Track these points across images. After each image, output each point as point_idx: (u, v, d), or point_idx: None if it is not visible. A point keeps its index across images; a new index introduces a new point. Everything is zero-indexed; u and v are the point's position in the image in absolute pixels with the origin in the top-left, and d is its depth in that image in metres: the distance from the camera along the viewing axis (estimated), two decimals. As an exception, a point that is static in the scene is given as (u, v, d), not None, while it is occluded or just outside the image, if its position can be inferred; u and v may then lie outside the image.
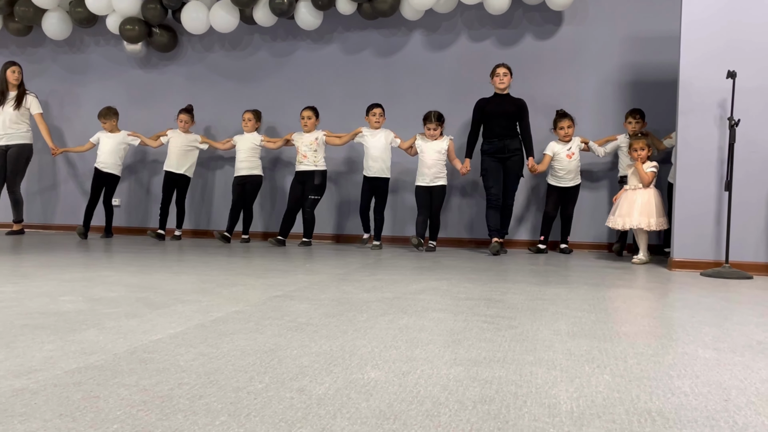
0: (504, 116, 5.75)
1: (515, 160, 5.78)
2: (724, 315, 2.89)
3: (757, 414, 1.53)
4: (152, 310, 2.70)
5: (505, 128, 5.76)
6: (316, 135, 6.28)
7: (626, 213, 5.05)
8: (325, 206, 6.86)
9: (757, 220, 4.53)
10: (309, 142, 6.25)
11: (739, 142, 4.46)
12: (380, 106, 6.15)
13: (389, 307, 2.87)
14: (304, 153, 6.25)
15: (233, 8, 6.72)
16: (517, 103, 5.80)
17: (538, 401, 1.59)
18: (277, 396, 1.59)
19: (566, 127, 5.82)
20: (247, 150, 6.59)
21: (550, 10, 6.32)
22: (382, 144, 6.06)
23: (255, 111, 6.71)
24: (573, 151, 5.86)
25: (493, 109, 5.77)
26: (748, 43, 4.55)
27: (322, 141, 6.28)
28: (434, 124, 5.90)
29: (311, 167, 6.24)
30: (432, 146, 5.95)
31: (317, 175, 6.24)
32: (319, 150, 6.26)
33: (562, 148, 5.87)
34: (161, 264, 4.49)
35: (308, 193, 6.24)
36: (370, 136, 6.10)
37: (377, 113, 6.10)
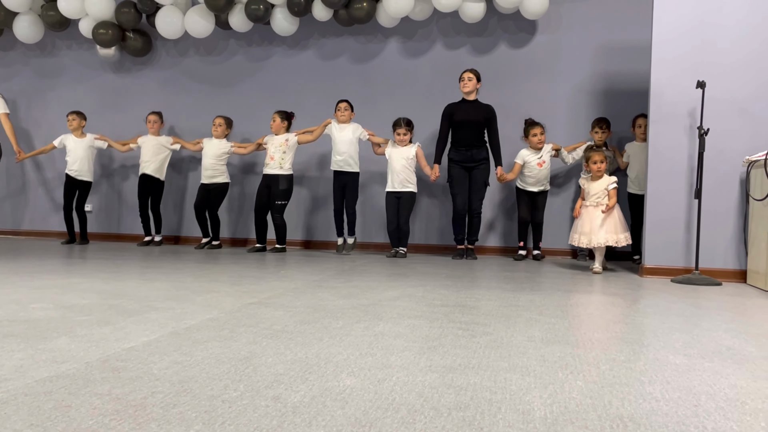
0: (472, 124, 5.80)
1: (482, 168, 5.83)
2: (694, 321, 2.94)
3: (725, 419, 1.56)
4: (125, 318, 2.67)
5: (473, 137, 5.80)
6: (286, 137, 6.29)
7: (589, 231, 4.87)
8: (293, 211, 6.84)
9: (726, 228, 4.62)
10: (279, 144, 6.26)
11: (708, 150, 4.55)
12: (345, 101, 6.20)
13: (365, 314, 2.87)
14: (272, 154, 6.25)
15: (208, 13, 6.69)
16: (486, 110, 5.84)
17: (513, 407, 1.61)
18: (252, 404, 1.59)
19: (539, 134, 5.88)
20: (213, 156, 6.57)
21: (524, 19, 6.39)
22: (349, 138, 6.10)
23: (227, 117, 6.69)
24: (544, 159, 5.93)
25: (461, 117, 5.82)
26: (718, 53, 4.65)
27: (292, 144, 6.29)
28: (403, 130, 5.96)
29: (277, 170, 6.23)
30: (400, 153, 6.00)
31: (282, 180, 6.24)
32: (288, 152, 6.26)
33: (533, 157, 5.93)
34: (134, 271, 4.44)
35: (275, 199, 6.25)
36: (338, 131, 6.15)
37: (342, 107, 6.15)
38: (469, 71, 5.86)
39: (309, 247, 6.95)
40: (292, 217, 6.82)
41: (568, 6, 6.40)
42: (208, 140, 6.65)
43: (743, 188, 4.58)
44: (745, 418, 1.58)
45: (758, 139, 4.50)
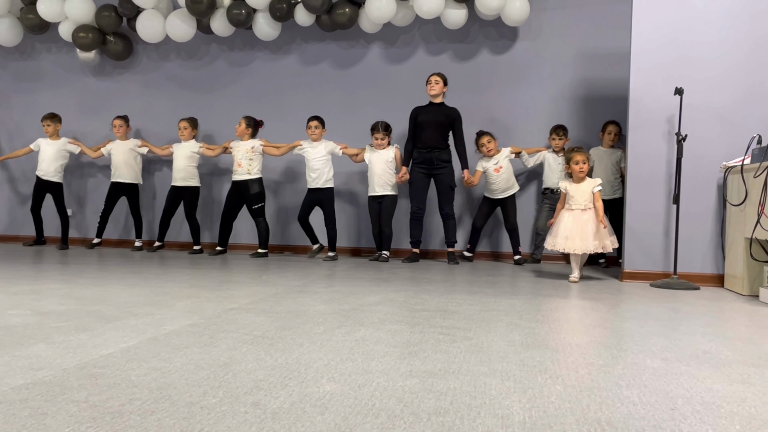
0: (434, 126, 5.85)
1: (445, 172, 5.87)
2: (672, 325, 2.97)
3: (701, 422, 1.58)
4: (103, 324, 2.65)
5: (435, 139, 5.85)
6: (252, 144, 6.30)
7: (576, 236, 4.60)
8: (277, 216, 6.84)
9: (704, 233, 4.67)
10: (245, 151, 6.29)
11: (686, 156, 4.60)
12: (317, 119, 6.23)
13: (346, 319, 2.87)
14: (239, 161, 6.29)
15: (190, 18, 6.66)
16: (450, 113, 5.90)
17: (492, 412, 1.61)
18: (231, 411, 1.58)
19: (486, 143, 5.99)
20: (184, 158, 6.57)
21: (505, 26, 6.43)
22: (322, 155, 6.15)
23: (191, 119, 6.69)
24: (501, 164, 6.01)
25: (425, 119, 5.88)
26: (695, 61, 4.71)
27: (258, 150, 6.31)
28: (381, 134, 6.01)
29: (245, 176, 6.26)
30: (379, 156, 6.05)
31: (252, 184, 6.26)
32: (254, 159, 6.29)
33: (489, 164, 6.03)
34: (114, 276, 4.40)
35: (251, 204, 6.28)
36: (310, 148, 6.19)
37: (312, 125, 6.19)
38: (436, 74, 5.93)
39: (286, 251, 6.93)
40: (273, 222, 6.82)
41: (548, 13, 6.45)
42: (177, 145, 6.67)
43: (720, 194, 4.64)
44: (721, 421, 1.60)
45: (735, 146, 4.56)
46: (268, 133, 6.56)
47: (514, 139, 6.28)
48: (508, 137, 6.33)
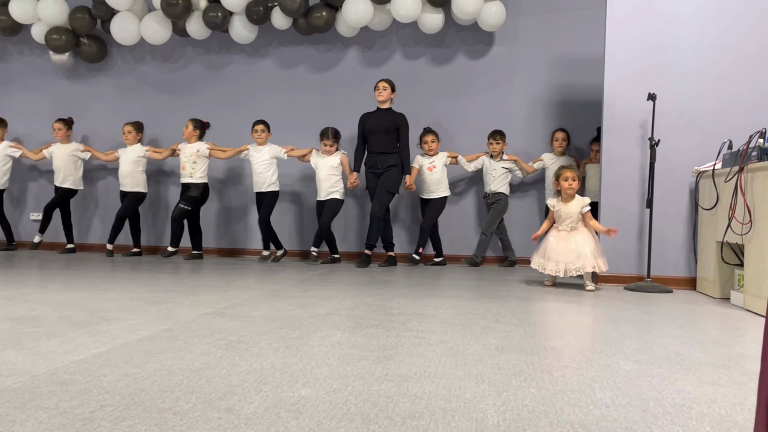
0: (380, 132, 5.92)
1: (388, 174, 5.93)
2: (644, 328, 3.01)
3: (672, 424, 1.60)
4: (75, 330, 2.61)
5: (382, 144, 5.92)
6: (198, 147, 6.32)
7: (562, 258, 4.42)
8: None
9: (677, 236, 4.74)
10: (190, 153, 6.33)
11: (659, 161, 4.66)
12: (263, 123, 6.28)
13: (322, 324, 2.86)
14: (183, 164, 6.33)
15: (165, 20, 6.61)
16: (395, 118, 5.95)
17: (466, 415, 1.62)
18: (204, 416, 1.57)
19: (430, 142, 6.11)
20: (129, 163, 6.55)
21: (482, 31, 6.47)
22: (265, 159, 6.20)
23: (135, 123, 6.67)
24: (435, 164, 6.13)
25: (372, 125, 5.96)
26: (668, 66, 4.77)
27: (204, 153, 6.34)
28: (330, 141, 6.09)
29: (188, 179, 6.32)
30: (326, 162, 6.12)
31: (193, 187, 6.31)
32: (198, 162, 6.31)
33: (425, 161, 6.16)
34: (87, 281, 4.34)
35: (179, 202, 6.32)
36: (255, 152, 6.25)
37: (258, 129, 6.23)
38: (384, 81, 6.00)
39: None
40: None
41: (524, 19, 6.50)
42: (123, 150, 6.65)
43: (692, 198, 4.70)
44: (691, 423, 1.62)
45: (706, 150, 4.63)
46: (242, 138, 6.52)
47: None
48: (484, 141, 6.36)
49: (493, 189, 6.14)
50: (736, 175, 3.87)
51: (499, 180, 6.13)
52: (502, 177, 6.14)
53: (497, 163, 6.14)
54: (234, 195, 7.04)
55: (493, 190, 6.14)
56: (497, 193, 6.14)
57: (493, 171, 6.15)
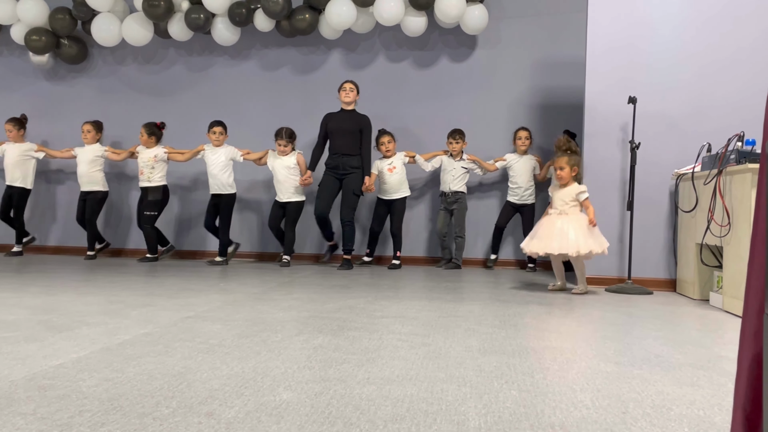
0: (344, 133, 5.92)
1: (352, 177, 5.93)
2: (625, 330, 3.03)
3: (651, 425, 1.61)
4: (54, 334, 2.59)
5: (345, 145, 5.92)
6: (155, 152, 6.30)
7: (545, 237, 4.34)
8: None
9: (657, 239, 4.78)
10: (147, 159, 6.30)
11: (639, 164, 4.70)
12: (221, 124, 6.24)
13: (305, 327, 2.86)
14: (141, 169, 6.31)
15: (147, 21, 6.57)
16: (359, 120, 5.97)
17: (448, 418, 1.62)
18: (185, 421, 1.56)
19: (386, 143, 6.13)
20: (87, 163, 6.47)
21: (464, 34, 6.49)
22: (222, 161, 6.17)
23: (95, 122, 6.60)
24: (395, 165, 6.14)
25: (336, 126, 5.95)
26: (648, 70, 4.82)
27: (162, 158, 6.31)
28: (284, 141, 6.07)
29: (146, 183, 6.30)
30: (281, 162, 6.11)
31: (152, 191, 6.27)
32: (156, 167, 6.29)
33: (383, 163, 6.17)
34: (67, 284, 4.30)
35: (144, 209, 6.29)
36: (211, 154, 6.22)
37: (217, 131, 6.20)
38: (350, 82, 6.01)
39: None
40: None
41: (506, 22, 6.54)
42: (80, 149, 6.57)
43: (672, 200, 4.75)
44: (670, 424, 1.63)
45: (686, 153, 4.68)
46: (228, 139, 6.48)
47: (473, 145, 6.33)
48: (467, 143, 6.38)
49: (452, 188, 6.14)
50: (714, 178, 3.92)
51: (458, 179, 6.16)
52: (461, 176, 6.17)
53: (456, 163, 6.17)
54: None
55: (452, 189, 6.14)
56: (456, 192, 6.15)
57: (452, 170, 6.17)
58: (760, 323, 1.07)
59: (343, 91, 5.96)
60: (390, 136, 6.16)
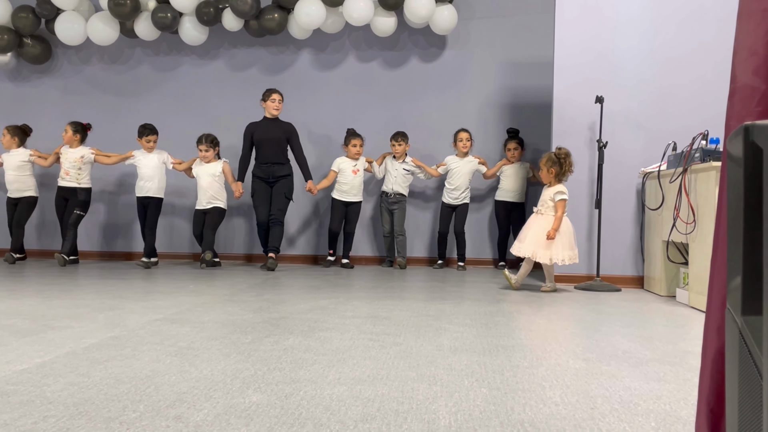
0: (272, 142, 5.91)
1: (282, 182, 5.93)
2: (594, 326, 3.07)
3: (619, 420, 1.63)
4: (18, 338, 2.53)
5: (274, 154, 5.91)
6: (82, 152, 6.19)
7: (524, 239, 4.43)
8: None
9: (625, 236, 4.85)
10: (74, 159, 6.16)
11: (607, 162, 4.77)
12: (155, 133, 6.16)
13: (275, 328, 2.84)
14: (67, 170, 6.16)
15: (113, 20, 6.46)
16: (285, 128, 5.96)
17: (418, 417, 1.62)
18: (152, 425, 1.53)
19: (358, 146, 6.14)
20: (14, 168, 6.28)
21: (434, 34, 6.51)
22: (154, 164, 6.11)
23: (15, 127, 6.37)
24: (359, 167, 6.18)
25: (262, 135, 5.92)
26: (615, 70, 4.89)
27: (88, 159, 6.20)
28: (205, 146, 6.03)
29: (73, 184, 6.16)
30: (205, 169, 6.09)
31: (81, 192, 6.16)
32: (83, 168, 6.19)
33: (348, 164, 6.16)
34: (31, 288, 4.21)
35: (72, 209, 6.13)
36: (143, 157, 6.13)
37: (152, 139, 6.13)
38: (278, 93, 5.98)
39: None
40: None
41: (475, 23, 6.57)
42: (6, 155, 6.36)
43: (639, 198, 4.82)
44: (637, 419, 1.65)
45: (652, 152, 4.75)
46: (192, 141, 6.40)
47: (444, 144, 6.35)
48: (437, 143, 6.40)
49: (394, 189, 6.16)
50: (680, 176, 3.99)
51: (400, 180, 6.18)
52: (403, 178, 6.20)
53: (399, 164, 6.19)
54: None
55: (395, 191, 6.16)
56: (398, 194, 6.18)
57: (394, 171, 6.19)
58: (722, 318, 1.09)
59: (272, 102, 5.93)
60: (361, 139, 6.15)
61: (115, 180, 6.95)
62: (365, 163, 6.24)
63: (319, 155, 6.55)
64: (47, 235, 7.04)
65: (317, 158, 6.52)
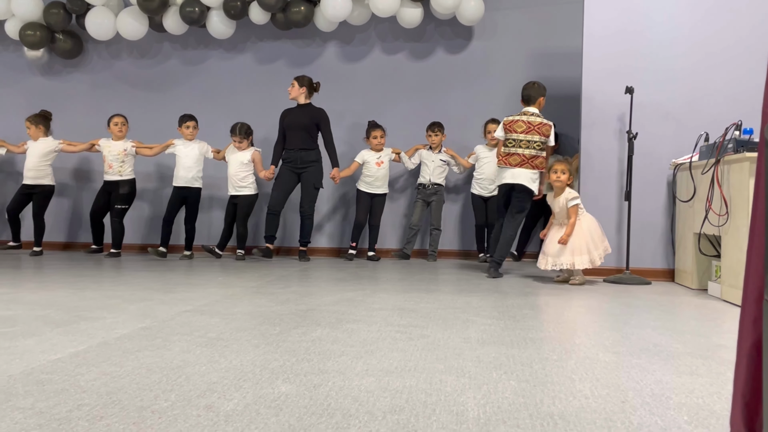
0: (299, 128, 5.92)
1: (310, 171, 5.94)
2: (623, 320, 3.03)
3: (651, 414, 1.61)
4: (52, 329, 2.58)
5: (302, 140, 5.92)
6: (125, 146, 6.25)
7: (555, 253, 4.35)
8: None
9: (655, 229, 4.78)
10: (117, 152, 6.22)
11: (637, 154, 4.70)
12: (194, 119, 6.22)
13: (303, 320, 2.85)
14: (110, 163, 6.22)
15: (141, 15, 6.53)
16: (314, 114, 5.95)
17: (447, 409, 1.62)
18: (183, 414, 1.55)
19: (379, 137, 6.11)
20: (38, 155, 6.30)
21: (460, 25, 6.47)
22: (195, 154, 6.16)
23: (37, 114, 6.41)
24: (383, 159, 6.16)
25: (291, 121, 5.96)
26: (645, 60, 4.81)
27: (131, 152, 6.27)
28: (238, 137, 6.10)
29: (116, 177, 6.21)
30: (237, 157, 6.14)
31: (123, 184, 6.21)
32: (126, 161, 6.24)
33: (372, 156, 6.14)
34: (64, 280, 4.29)
35: (114, 203, 6.20)
36: (183, 147, 6.19)
37: (191, 126, 6.19)
38: (294, 78, 6.00)
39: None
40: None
41: (503, 13, 6.52)
42: (32, 141, 6.40)
43: (670, 190, 4.75)
44: (669, 412, 1.63)
45: (683, 143, 4.67)
46: (220, 134, 6.45)
47: (471, 136, 6.32)
48: (462, 135, 6.37)
49: (432, 180, 6.15)
50: (712, 167, 3.92)
51: (437, 171, 6.16)
52: (440, 169, 6.17)
53: (435, 155, 6.18)
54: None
55: (432, 181, 6.15)
56: (436, 184, 6.16)
57: (430, 162, 6.17)
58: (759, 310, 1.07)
59: (290, 88, 6.00)
60: (382, 130, 6.13)
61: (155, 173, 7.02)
62: (391, 154, 6.22)
63: (346, 148, 6.54)
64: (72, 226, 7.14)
65: (345, 151, 6.50)
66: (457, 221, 6.58)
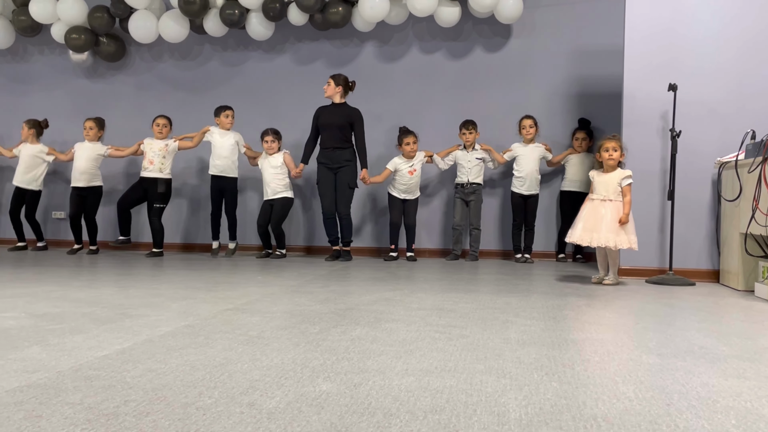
0: (334, 127, 5.89)
1: (345, 170, 5.90)
2: (667, 321, 2.98)
3: (697, 417, 1.58)
4: (98, 326, 2.64)
5: (336, 139, 5.90)
6: (166, 142, 6.35)
7: (592, 227, 4.23)
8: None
9: (699, 229, 4.68)
10: (159, 149, 6.31)
11: (680, 152, 4.61)
12: (231, 109, 6.29)
13: (342, 319, 2.87)
14: (151, 159, 6.29)
15: (183, 18, 6.64)
16: (349, 114, 5.92)
17: (488, 409, 1.61)
18: (227, 411, 1.57)
19: (412, 143, 6.02)
20: (87, 159, 6.43)
21: (498, 23, 6.43)
22: (230, 143, 6.22)
23: (97, 119, 6.57)
24: (415, 168, 6.08)
25: (325, 120, 5.94)
26: (688, 57, 4.72)
27: (172, 149, 6.35)
28: (270, 137, 6.14)
29: (156, 174, 6.28)
30: (269, 162, 6.17)
31: (161, 183, 6.27)
32: (167, 157, 6.32)
33: (405, 165, 6.06)
34: (108, 278, 4.39)
35: (152, 202, 6.28)
36: (219, 136, 6.24)
37: (230, 115, 6.25)
38: (330, 77, 5.99)
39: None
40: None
41: (541, 11, 6.46)
42: (80, 144, 6.53)
43: (715, 189, 4.65)
44: (716, 416, 1.60)
45: (728, 141, 4.57)
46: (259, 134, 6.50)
47: (508, 135, 6.27)
48: (502, 134, 6.33)
49: (470, 179, 6.10)
50: (759, 166, 3.82)
51: (474, 170, 6.11)
52: (477, 167, 6.12)
53: (470, 154, 6.12)
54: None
55: (470, 181, 6.10)
56: (474, 183, 6.11)
57: (467, 162, 6.12)
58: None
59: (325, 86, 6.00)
60: (414, 136, 6.05)
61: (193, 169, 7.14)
62: (423, 158, 6.15)
63: (383, 149, 6.54)
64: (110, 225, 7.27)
65: (383, 152, 6.50)
66: (497, 220, 6.53)
